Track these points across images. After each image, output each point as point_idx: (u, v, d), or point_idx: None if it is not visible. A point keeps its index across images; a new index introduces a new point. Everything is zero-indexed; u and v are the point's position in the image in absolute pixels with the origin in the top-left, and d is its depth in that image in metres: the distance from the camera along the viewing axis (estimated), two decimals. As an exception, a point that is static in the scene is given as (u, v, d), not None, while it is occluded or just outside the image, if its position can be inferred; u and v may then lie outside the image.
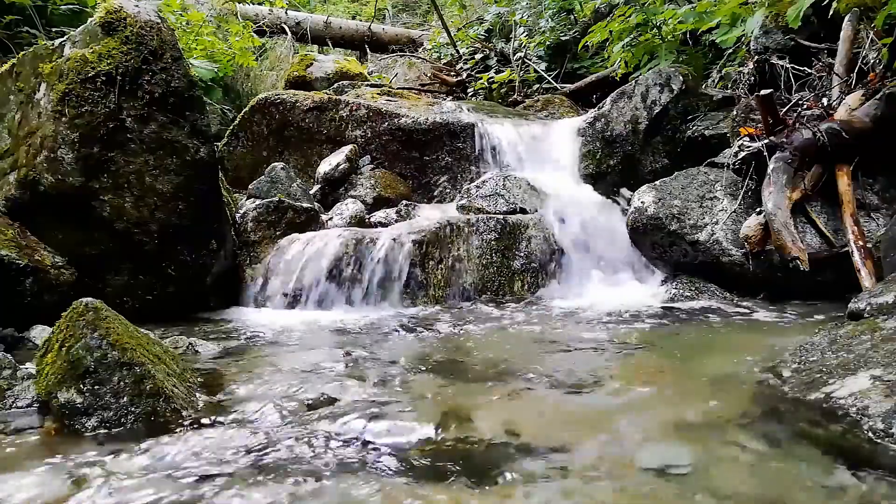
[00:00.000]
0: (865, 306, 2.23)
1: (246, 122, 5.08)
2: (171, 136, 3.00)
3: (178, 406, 1.73)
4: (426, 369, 2.18)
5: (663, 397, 1.89)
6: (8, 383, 1.88)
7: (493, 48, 7.50)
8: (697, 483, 1.31)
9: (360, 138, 4.84)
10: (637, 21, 5.15)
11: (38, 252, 2.83)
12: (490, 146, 4.68)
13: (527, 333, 2.73)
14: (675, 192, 3.57)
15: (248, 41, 7.03)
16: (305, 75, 6.89)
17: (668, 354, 2.38)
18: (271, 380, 2.07)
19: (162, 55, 2.94)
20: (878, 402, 1.54)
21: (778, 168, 3.21)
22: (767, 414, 1.67)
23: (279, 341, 2.70)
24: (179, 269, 3.13)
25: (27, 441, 1.63)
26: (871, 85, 3.33)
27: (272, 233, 3.70)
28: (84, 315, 1.75)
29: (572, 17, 7.06)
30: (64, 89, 2.82)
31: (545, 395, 1.90)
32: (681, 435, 1.55)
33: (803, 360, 1.97)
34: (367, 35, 9.76)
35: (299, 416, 1.74)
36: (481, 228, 3.69)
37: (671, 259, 3.57)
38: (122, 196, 2.94)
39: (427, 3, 11.27)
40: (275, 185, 4.06)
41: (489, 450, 1.50)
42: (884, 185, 3.28)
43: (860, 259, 2.88)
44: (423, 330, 2.85)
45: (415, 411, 1.76)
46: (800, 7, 3.17)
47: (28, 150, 2.92)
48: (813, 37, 4.08)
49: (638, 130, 4.49)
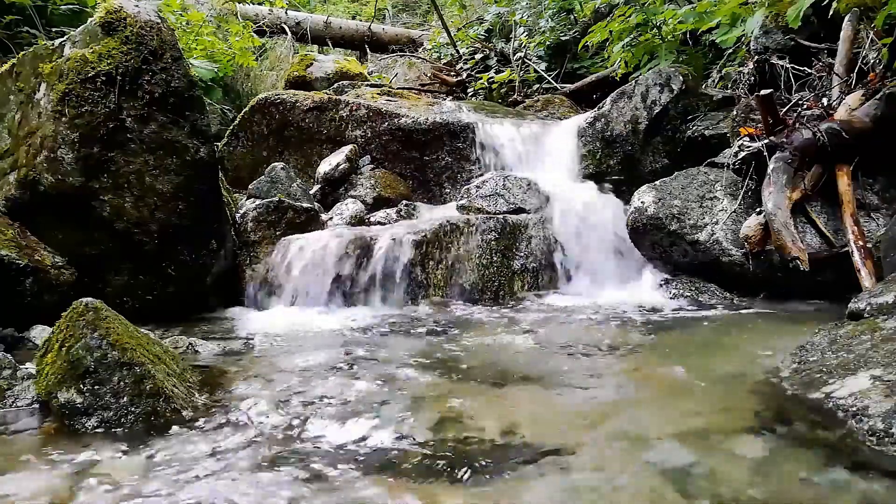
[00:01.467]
0: (865, 306, 2.23)
1: (246, 122, 5.08)
2: (171, 136, 3.00)
3: (177, 406, 1.73)
4: (426, 369, 2.18)
5: (664, 397, 1.89)
6: (8, 383, 1.88)
7: (493, 48, 7.50)
8: (698, 483, 1.31)
9: (360, 138, 4.84)
10: (637, 21, 5.15)
11: (38, 252, 2.83)
12: (490, 146, 4.68)
13: (527, 333, 2.73)
14: (675, 192, 3.57)
15: (248, 41, 7.02)
16: (305, 75, 6.88)
17: (669, 354, 2.38)
18: (271, 380, 2.07)
19: (162, 55, 2.95)
20: (878, 402, 1.54)
21: (778, 168, 3.21)
22: (767, 414, 1.67)
23: (279, 341, 2.70)
24: (179, 269, 3.13)
25: (27, 441, 1.63)
26: (871, 85, 3.33)
27: (272, 233, 3.69)
28: (84, 315, 1.75)
29: (572, 17, 7.05)
30: (64, 89, 2.82)
31: (546, 395, 1.90)
32: (681, 435, 1.55)
33: (803, 360, 1.97)
34: (367, 35, 9.77)
35: (299, 416, 1.74)
36: (481, 228, 3.69)
37: (671, 259, 3.57)
38: (122, 196, 2.94)
39: (427, 3, 11.27)
40: (275, 185, 4.06)
41: (490, 449, 1.50)
42: (884, 185, 3.28)
43: (860, 259, 2.88)
44: (423, 330, 2.85)
45: (415, 411, 1.76)
46: (800, 7, 3.17)
47: (28, 150, 2.92)
48: (813, 37, 4.08)
49: (638, 130, 4.48)
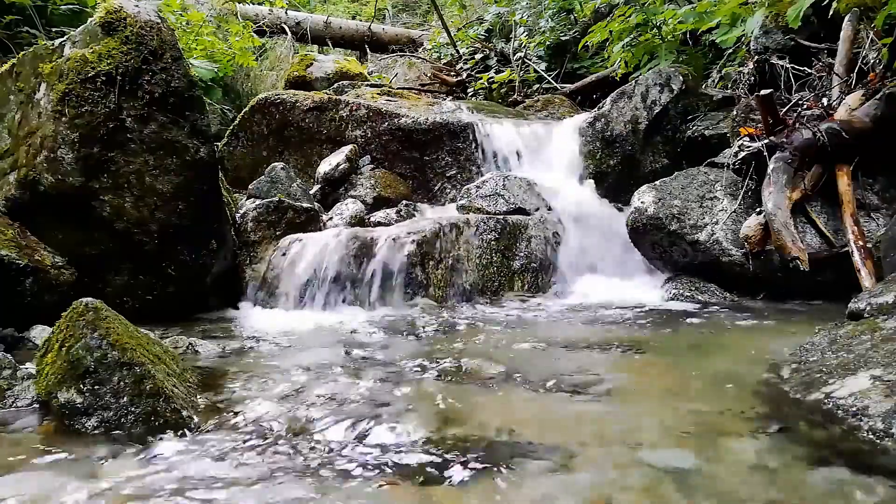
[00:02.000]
0: (865, 306, 2.23)
1: (246, 122, 5.08)
2: (171, 136, 3.00)
3: (177, 406, 1.73)
4: (426, 369, 2.18)
5: (664, 397, 1.89)
6: (8, 383, 1.88)
7: (493, 48, 7.50)
8: (698, 483, 1.31)
9: (360, 138, 4.84)
10: (637, 21, 5.15)
11: (38, 252, 2.83)
12: (490, 146, 4.68)
13: (527, 333, 2.73)
14: (675, 192, 3.57)
15: (248, 41, 7.03)
16: (305, 75, 6.88)
17: (669, 354, 2.38)
18: (271, 380, 2.07)
19: (162, 55, 2.95)
20: (878, 402, 1.54)
21: (778, 168, 3.21)
22: (768, 414, 1.67)
23: (279, 341, 2.70)
24: (179, 269, 3.13)
25: (27, 441, 1.63)
26: (871, 85, 3.33)
27: (272, 233, 3.69)
28: (84, 315, 1.75)
29: (572, 17, 7.06)
30: (64, 89, 2.82)
31: (546, 395, 1.90)
32: (681, 435, 1.55)
33: (803, 360, 1.97)
34: (367, 35, 9.77)
35: (299, 416, 1.74)
36: (481, 228, 3.69)
37: (671, 259, 3.57)
38: (122, 196, 2.94)
39: (427, 3, 11.27)
40: (275, 185, 4.07)
41: (491, 449, 1.50)
42: (884, 185, 3.29)
43: (860, 259, 2.89)
44: (423, 330, 2.85)
45: (415, 411, 1.76)
46: (800, 7, 3.17)
47: (28, 150, 2.92)
48: (813, 37, 4.08)
49: (638, 130, 4.48)
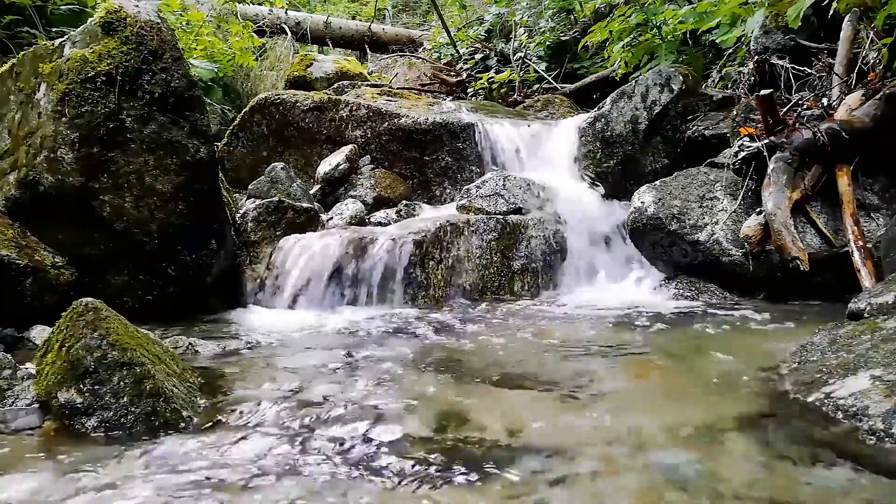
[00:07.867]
0: (865, 306, 2.23)
1: (246, 122, 5.08)
2: (171, 136, 3.00)
3: (177, 406, 1.73)
4: (426, 369, 2.18)
5: (664, 397, 1.89)
6: (8, 383, 1.88)
7: (493, 48, 7.50)
8: (698, 483, 1.31)
9: (360, 138, 4.84)
10: (637, 21, 5.15)
11: (38, 252, 2.83)
12: (490, 146, 4.67)
13: (527, 334, 2.72)
14: (675, 192, 3.57)
15: (248, 41, 7.02)
16: (305, 75, 6.88)
17: (669, 354, 2.38)
18: (271, 380, 2.07)
19: (162, 55, 2.94)
20: (878, 402, 1.54)
21: (778, 168, 3.21)
22: (768, 414, 1.67)
23: (279, 341, 2.70)
24: (179, 269, 3.13)
25: (27, 441, 1.63)
26: (871, 85, 3.33)
27: (272, 233, 3.69)
28: (84, 315, 1.75)
29: (572, 17, 7.06)
30: (64, 89, 2.82)
31: (546, 396, 1.90)
32: (681, 435, 1.55)
33: (803, 360, 1.97)
34: (367, 35, 9.76)
35: (299, 416, 1.74)
36: (481, 228, 3.69)
37: (671, 259, 3.57)
38: (122, 196, 2.94)
39: (427, 3, 11.27)
40: (275, 185, 4.06)
41: (491, 450, 1.50)
42: (884, 185, 3.28)
43: (860, 259, 2.88)
44: (423, 330, 2.84)
45: (415, 411, 1.76)
46: (800, 7, 3.17)
47: (28, 150, 2.92)
48: (813, 37, 4.08)
49: (638, 130, 4.48)
